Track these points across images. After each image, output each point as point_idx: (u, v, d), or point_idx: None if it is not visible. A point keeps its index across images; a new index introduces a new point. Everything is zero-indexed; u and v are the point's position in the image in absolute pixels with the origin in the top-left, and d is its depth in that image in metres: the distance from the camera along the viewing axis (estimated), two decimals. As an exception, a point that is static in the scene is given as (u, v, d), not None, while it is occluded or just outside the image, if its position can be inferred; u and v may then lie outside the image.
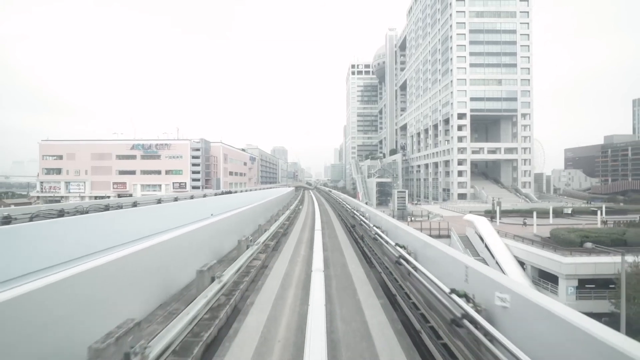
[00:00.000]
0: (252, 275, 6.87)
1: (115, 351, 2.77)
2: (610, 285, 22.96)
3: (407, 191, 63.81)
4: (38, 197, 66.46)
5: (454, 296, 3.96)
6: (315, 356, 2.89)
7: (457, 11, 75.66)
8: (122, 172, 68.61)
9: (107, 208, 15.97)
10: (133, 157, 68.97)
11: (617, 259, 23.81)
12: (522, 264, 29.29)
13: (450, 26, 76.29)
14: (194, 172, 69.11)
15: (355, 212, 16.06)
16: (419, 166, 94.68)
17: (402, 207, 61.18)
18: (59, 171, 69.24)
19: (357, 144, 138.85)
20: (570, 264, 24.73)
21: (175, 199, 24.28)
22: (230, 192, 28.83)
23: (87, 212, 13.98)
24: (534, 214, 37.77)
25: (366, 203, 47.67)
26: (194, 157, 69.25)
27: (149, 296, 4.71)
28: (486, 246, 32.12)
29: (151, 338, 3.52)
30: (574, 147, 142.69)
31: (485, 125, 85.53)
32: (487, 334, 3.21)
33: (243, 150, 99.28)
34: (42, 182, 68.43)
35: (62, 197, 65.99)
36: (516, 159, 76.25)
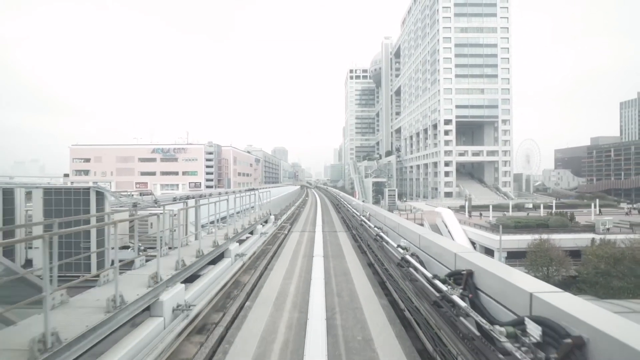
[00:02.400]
0: (298, 211, 18.70)
1: (276, 216, 14.29)
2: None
3: (396, 190, 75.22)
4: (69, 195, 77.78)
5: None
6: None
7: (443, 27, 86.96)
8: (143, 173, 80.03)
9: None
10: (153, 159, 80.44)
11: (529, 237, 35.74)
12: (474, 243, 40.89)
13: (438, 40, 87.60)
14: (207, 173, 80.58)
15: (336, 195, 28.57)
16: (411, 167, 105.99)
17: (392, 203, 73.08)
18: (87, 172, 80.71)
19: (355, 145, 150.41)
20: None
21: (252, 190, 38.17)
22: (254, 189, 40.91)
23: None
24: (490, 207, 49.39)
25: (363, 201, 59.36)
26: (207, 159, 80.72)
27: (282, 206, 16.44)
28: (449, 231, 43.66)
29: (283, 215, 14.95)
30: (564, 148, 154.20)
31: (472, 130, 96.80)
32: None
33: (248, 152, 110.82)
34: (72, 182, 79.83)
35: (90, 195, 77.32)
36: (497, 160, 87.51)
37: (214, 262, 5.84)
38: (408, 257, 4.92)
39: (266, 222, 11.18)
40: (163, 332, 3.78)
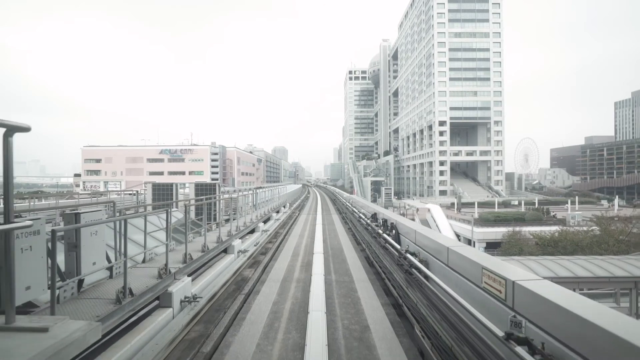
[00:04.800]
0: (303, 203, 24.56)
1: (289, 204, 20.15)
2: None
3: (392, 188, 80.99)
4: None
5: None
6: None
7: (438, 32, 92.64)
8: (152, 173, 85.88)
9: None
10: (161, 160, 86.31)
11: (505, 229, 41.42)
12: (458, 236, 46.75)
13: (433, 45, 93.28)
14: (212, 173, 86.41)
15: (333, 191, 34.40)
16: (408, 166, 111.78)
17: (387, 200, 78.91)
18: (97, 172, 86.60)
19: (354, 145, 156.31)
20: (480, 232, 42.21)
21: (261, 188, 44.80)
22: (262, 187, 47.09)
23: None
24: (475, 204, 55.38)
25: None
26: (212, 159, 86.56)
27: (290, 200, 22.39)
28: (437, 225, 49.48)
29: (292, 205, 20.79)
30: (559, 147, 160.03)
31: (466, 131, 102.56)
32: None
33: (251, 152, 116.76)
34: (84, 182, 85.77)
35: (101, 193, 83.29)
36: (490, 160, 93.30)
37: (265, 222, 11.64)
38: (360, 215, 10.81)
39: (284, 207, 17.02)
40: (260, 237, 9.70)
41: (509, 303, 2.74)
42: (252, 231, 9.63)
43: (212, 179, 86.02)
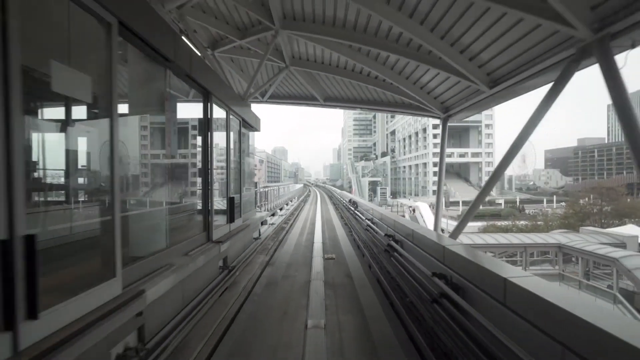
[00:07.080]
0: (306, 199, 31.94)
1: (297, 197, 27.39)
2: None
3: (387, 188, 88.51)
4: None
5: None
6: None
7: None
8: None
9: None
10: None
11: (480, 224, 48.63)
12: (442, 230, 54.08)
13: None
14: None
15: (330, 189, 41.62)
16: (404, 167, 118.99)
17: (383, 199, 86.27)
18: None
19: (353, 146, 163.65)
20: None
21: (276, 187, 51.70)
22: (267, 186, 54.66)
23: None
24: (460, 202, 62.75)
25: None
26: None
27: (297, 195, 29.74)
28: (424, 221, 56.61)
29: (299, 199, 28.02)
30: (553, 149, 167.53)
31: (459, 133, 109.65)
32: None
33: (252, 153, 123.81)
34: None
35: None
36: (481, 161, 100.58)
37: (286, 204, 18.84)
38: (344, 202, 18.04)
39: (294, 198, 24.15)
40: (285, 212, 16.96)
41: (388, 227, 9.90)
42: (281, 209, 16.76)
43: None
